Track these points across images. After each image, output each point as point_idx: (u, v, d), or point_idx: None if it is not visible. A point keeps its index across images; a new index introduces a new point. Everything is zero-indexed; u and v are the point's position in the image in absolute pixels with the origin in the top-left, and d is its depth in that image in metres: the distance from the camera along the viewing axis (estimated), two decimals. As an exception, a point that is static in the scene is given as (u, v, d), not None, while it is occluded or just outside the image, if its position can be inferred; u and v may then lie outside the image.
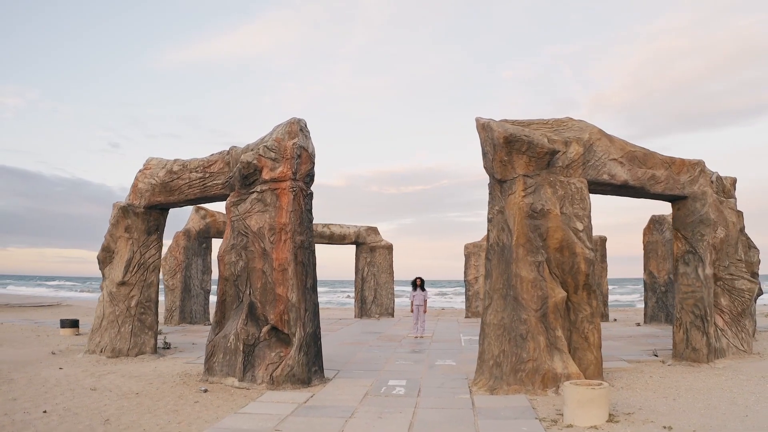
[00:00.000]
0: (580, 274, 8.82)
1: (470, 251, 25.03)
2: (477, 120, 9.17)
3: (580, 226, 8.97)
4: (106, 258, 11.50)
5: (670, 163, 10.56)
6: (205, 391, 8.34)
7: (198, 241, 19.92)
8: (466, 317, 24.53)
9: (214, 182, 10.37)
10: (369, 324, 20.99)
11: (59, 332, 14.79)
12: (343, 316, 26.43)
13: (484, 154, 9.21)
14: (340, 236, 24.61)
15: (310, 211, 9.71)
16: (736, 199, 13.37)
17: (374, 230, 25.49)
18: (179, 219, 20.93)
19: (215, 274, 20.68)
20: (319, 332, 9.58)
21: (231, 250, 9.46)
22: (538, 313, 8.47)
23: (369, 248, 25.00)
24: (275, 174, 9.27)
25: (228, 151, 10.23)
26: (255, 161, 9.35)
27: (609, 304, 21.78)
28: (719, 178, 11.72)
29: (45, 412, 6.80)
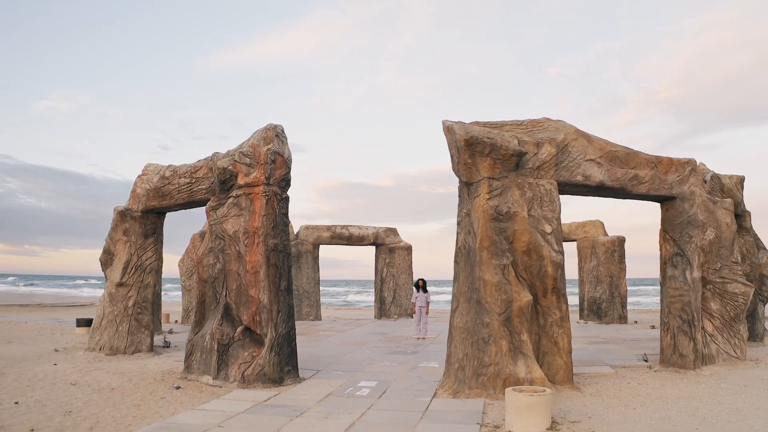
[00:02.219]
0: (548, 278, 8.69)
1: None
2: (443, 123, 9.18)
3: (548, 228, 8.84)
4: (107, 260, 12.14)
5: (656, 162, 10.23)
6: (178, 388, 8.72)
7: (215, 242, 20.57)
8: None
9: (200, 187, 10.78)
10: (383, 324, 21.15)
11: (75, 331, 15.66)
12: (364, 317, 26.70)
13: (451, 157, 9.21)
14: (359, 237, 24.88)
15: (285, 215, 9.95)
16: (742, 198, 12.82)
17: (393, 231, 25.62)
18: (198, 221, 21.57)
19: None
20: (294, 333, 9.80)
21: (209, 253, 9.83)
22: (502, 317, 8.41)
23: (388, 249, 25.16)
24: (249, 179, 9.58)
25: (211, 157, 10.61)
26: (230, 167, 9.68)
27: (629, 305, 21.09)
28: (715, 177, 11.26)
29: (16, 403, 7.31)
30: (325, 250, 25.85)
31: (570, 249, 22.63)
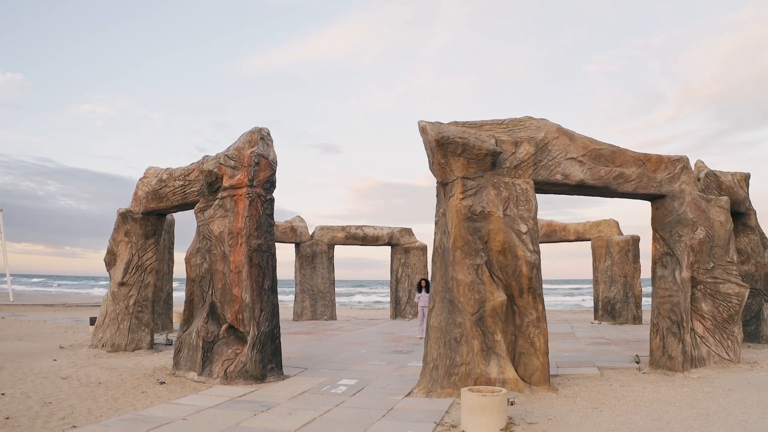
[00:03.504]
0: (523, 277, 8.64)
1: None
2: (418, 123, 9.22)
3: (524, 228, 8.78)
4: (111, 261, 12.65)
5: (645, 160, 10.01)
6: (162, 383, 9.04)
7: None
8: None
9: (192, 189, 11.12)
10: (394, 325, 21.24)
11: (89, 329, 16.30)
12: (382, 317, 26.85)
13: (427, 158, 9.25)
14: (374, 238, 25.03)
15: (270, 215, 10.17)
16: (747, 195, 12.42)
17: (408, 231, 25.67)
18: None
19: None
20: (278, 331, 10.02)
21: (197, 253, 10.14)
22: (474, 317, 8.40)
23: (403, 249, 25.23)
24: (233, 181, 9.84)
25: (202, 160, 10.94)
26: (215, 169, 9.97)
27: (643, 306, 20.59)
28: (711, 174, 10.94)
29: (3, 394, 7.75)
30: (353, 251, 26.15)
31: (585, 249, 22.25)
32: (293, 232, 23.69)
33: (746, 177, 12.45)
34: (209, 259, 9.99)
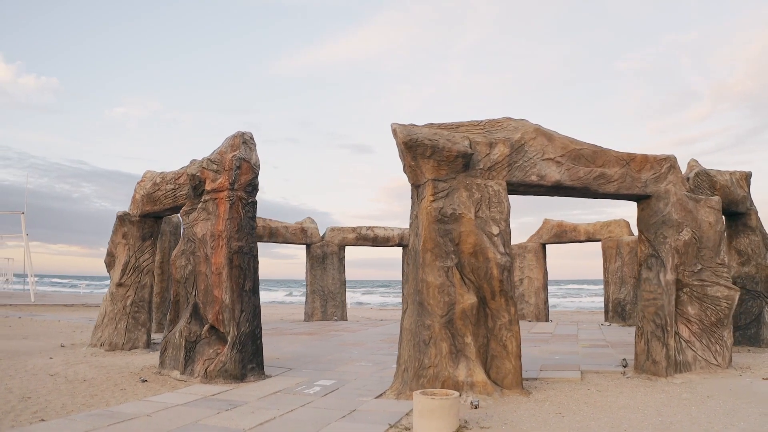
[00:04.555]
0: (494, 280, 8.58)
1: (515, 252, 24.33)
2: (390, 126, 9.25)
3: (495, 230, 8.72)
4: (110, 262, 13.07)
5: (629, 160, 9.81)
6: (144, 381, 9.32)
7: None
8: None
9: (181, 193, 11.42)
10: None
11: (97, 327, 16.87)
12: (390, 318, 26.89)
13: (400, 160, 9.27)
14: (384, 239, 25.12)
15: (252, 218, 10.36)
16: (748, 194, 12.05)
17: (419, 232, 25.64)
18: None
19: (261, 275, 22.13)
20: (259, 332, 10.19)
21: (181, 255, 10.41)
22: (443, 320, 8.39)
23: (413, 250, 25.21)
24: (215, 185, 10.07)
25: (189, 164, 11.21)
26: (198, 173, 10.22)
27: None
28: (702, 174, 10.64)
29: (-13, 390, 8.12)
30: (379, 252, 26.28)
31: (595, 249, 21.84)
32: (303, 233, 23.95)
33: (746, 176, 12.05)
34: (193, 261, 10.24)
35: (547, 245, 23.62)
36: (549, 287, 24.36)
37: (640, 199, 10.08)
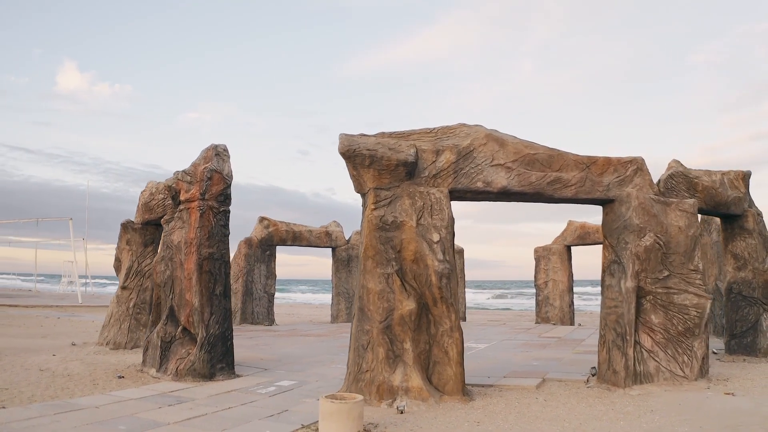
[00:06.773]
0: (433, 287, 8.64)
1: (540, 254, 23.80)
2: (339, 136, 9.49)
3: (436, 237, 8.78)
4: (118, 266, 14.12)
5: (589, 163, 9.54)
6: (121, 377, 10.10)
7: (261, 248, 22.35)
8: (535, 323, 23.43)
9: (169, 202, 12.16)
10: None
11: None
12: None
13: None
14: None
15: (224, 226, 10.93)
16: (746, 194, 11.39)
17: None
18: (246, 229, 23.57)
19: (278, 277, 22.81)
20: (230, 334, 10.74)
21: (161, 261, 11.15)
22: (382, 325, 8.56)
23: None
24: (188, 195, 10.73)
25: (172, 176, 11.95)
26: (174, 185, 10.92)
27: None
28: (678, 175, 10.14)
29: (-26, 381, 9.12)
30: None
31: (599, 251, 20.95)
32: (328, 236, 24.54)
33: (744, 175, 11.31)
34: (171, 266, 10.95)
35: (572, 247, 22.93)
36: (583, 288, 23.62)
37: (604, 203, 9.77)
